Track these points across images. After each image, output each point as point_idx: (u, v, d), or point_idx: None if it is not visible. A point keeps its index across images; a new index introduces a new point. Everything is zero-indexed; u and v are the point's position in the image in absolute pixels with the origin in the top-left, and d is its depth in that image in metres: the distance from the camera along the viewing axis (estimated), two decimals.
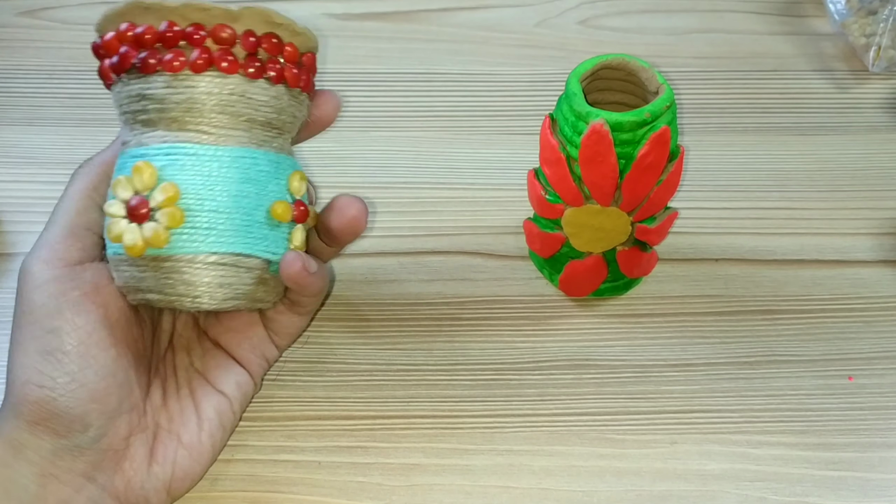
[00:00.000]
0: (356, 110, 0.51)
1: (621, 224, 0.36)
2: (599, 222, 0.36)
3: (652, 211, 0.36)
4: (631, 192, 0.35)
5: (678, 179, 0.36)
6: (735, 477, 0.35)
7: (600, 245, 0.38)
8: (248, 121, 0.31)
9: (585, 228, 0.37)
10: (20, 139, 0.50)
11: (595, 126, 0.33)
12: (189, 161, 0.30)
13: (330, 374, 0.39)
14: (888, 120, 0.50)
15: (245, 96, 0.30)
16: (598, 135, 0.33)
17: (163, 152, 0.30)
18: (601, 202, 0.35)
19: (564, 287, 0.40)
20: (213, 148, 0.30)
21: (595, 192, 0.35)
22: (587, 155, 0.34)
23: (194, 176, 0.30)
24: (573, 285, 0.40)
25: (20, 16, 0.58)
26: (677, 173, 0.36)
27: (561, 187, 0.36)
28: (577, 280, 0.40)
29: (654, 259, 0.40)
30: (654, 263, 0.40)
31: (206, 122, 0.30)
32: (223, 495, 0.35)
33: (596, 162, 0.34)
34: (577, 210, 0.36)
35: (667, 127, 0.33)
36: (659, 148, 0.34)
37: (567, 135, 0.34)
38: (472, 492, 0.35)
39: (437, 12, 0.58)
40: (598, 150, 0.33)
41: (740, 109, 0.51)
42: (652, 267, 0.40)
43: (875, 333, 0.40)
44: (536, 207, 0.38)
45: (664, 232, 0.38)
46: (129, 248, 0.30)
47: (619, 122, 0.33)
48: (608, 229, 0.37)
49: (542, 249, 0.40)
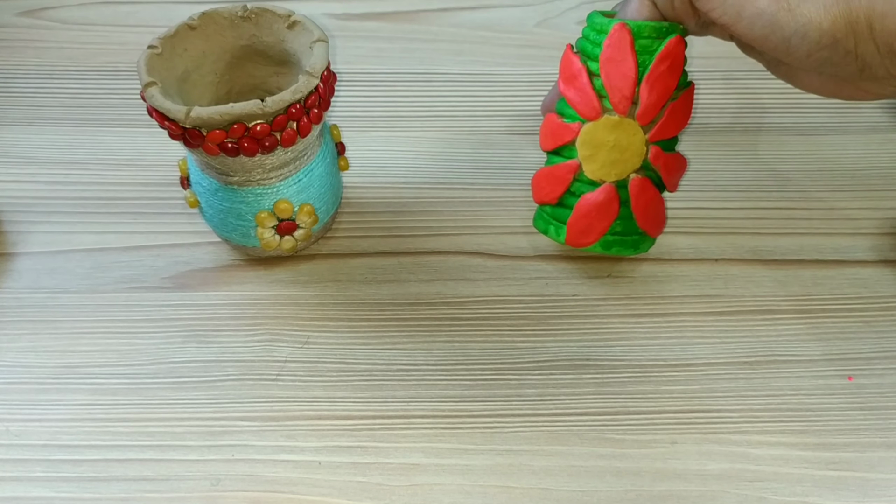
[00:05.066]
0: (356, 110, 0.51)
1: (637, 142, 0.37)
2: (615, 138, 0.37)
3: (666, 132, 0.37)
4: (648, 98, 0.36)
5: (690, 109, 0.38)
6: (735, 477, 0.35)
7: (615, 170, 0.37)
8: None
9: (601, 148, 0.37)
10: (20, 139, 0.50)
11: (617, 26, 0.36)
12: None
13: (330, 373, 0.39)
14: (888, 120, 0.50)
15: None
16: (620, 33, 0.36)
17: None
18: (619, 108, 0.36)
19: (572, 233, 0.39)
20: None
21: (613, 95, 0.36)
22: (608, 55, 0.36)
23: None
24: (583, 226, 0.38)
25: (20, 16, 0.58)
26: (689, 101, 0.38)
27: (579, 100, 0.37)
28: (587, 219, 0.38)
29: (663, 217, 0.40)
30: (662, 225, 0.40)
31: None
32: (223, 495, 0.35)
33: (616, 61, 0.36)
34: (594, 125, 0.37)
35: (681, 37, 0.36)
36: (675, 55, 0.36)
37: (588, 50, 0.37)
38: (472, 491, 0.35)
39: (438, 12, 0.58)
40: (619, 48, 0.36)
41: (740, 109, 0.51)
42: (659, 227, 0.40)
43: (875, 333, 0.40)
44: (549, 140, 0.39)
45: (677, 171, 0.39)
46: None
47: (640, 26, 0.36)
48: (623, 147, 0.37)
49: (552, 190, 0.39)
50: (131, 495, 0.35)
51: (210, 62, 0.40)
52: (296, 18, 0.38)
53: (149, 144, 0.49)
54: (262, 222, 0.40)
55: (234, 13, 0.39)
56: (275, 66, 0.41)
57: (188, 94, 0.39)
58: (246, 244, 0.42)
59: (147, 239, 0.44)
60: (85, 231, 0.45)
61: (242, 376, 0.38)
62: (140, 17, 0.58)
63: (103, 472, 0.35)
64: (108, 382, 0.38)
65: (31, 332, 0.40)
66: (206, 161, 0.38)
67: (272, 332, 0.40)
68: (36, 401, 0.38)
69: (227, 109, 0.35)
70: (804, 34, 0.32)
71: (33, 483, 0.35)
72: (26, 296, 0.42)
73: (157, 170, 0.47)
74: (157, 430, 0.37)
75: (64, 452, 0.36)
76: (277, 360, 0.39)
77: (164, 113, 0.35)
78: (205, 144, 0.36)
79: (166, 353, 0.39)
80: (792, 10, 0.32)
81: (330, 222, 0.44)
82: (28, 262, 0.43)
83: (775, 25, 0.32)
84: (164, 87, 0.36)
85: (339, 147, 0.44)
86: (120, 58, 0.55)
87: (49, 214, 0.45)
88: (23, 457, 0.36)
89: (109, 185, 0.47)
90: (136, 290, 0.42)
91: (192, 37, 0.39)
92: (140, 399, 0.38)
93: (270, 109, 0.35)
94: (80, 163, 0.48)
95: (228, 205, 0.40)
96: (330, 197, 0.42)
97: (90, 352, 0.39)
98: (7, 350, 0.39)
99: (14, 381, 0.38)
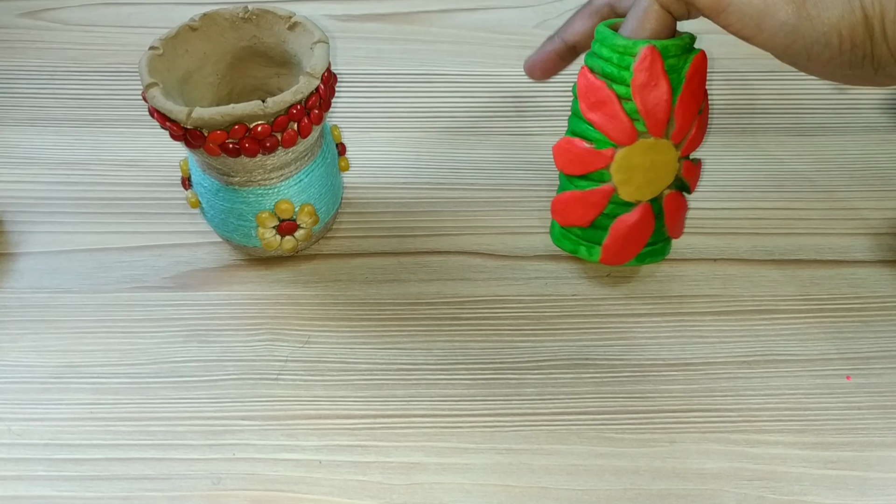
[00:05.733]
0: (357, 111, 0.51)
1: (670, 160, 0.37)
2: (651, 160, 0.36)
3: (695, 145, 0.38)
4: (682, 117, 0.36)
5: (707, 118, 0.38)
6: (733, 476, 0.35)
7: (650, 190, 0.37)
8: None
9: (636, 171, 0.37)
10: (21, 139, 0.50)
11: (646, 50, 0.34)
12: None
13: (330, 373, 0.39)
14: (886, 120, 0.50)
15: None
16: (652, 57, 0.34)
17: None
18: (654, 132, 0.36)
19: (609, 253, 0.39)
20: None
21: (650, 120, 0.36)
22: (642, 80, 0.35)
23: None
24: (619, 248, 0.39)
25: (22, 17, 0.58)
26: (707, 110, 0.38)
27: (612, 126, 0.36)
28: (624, 239, 0.38)
29: (685, 215, 0.41)
30: (684, 221, 0.41)
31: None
32: (224, 494, 0.35)
33: (650, 86, 0.35)
34: (629, 150, 0.36)
35: (703, 51, 0.36)
36: (702, 70, 0.36)
37: (612, 73, 0.35)
38: (472, 490, 0.35)
39: (437, 13, 0.58)
40: (653, 73, 0.35)
41: (740, 109, 0.51)
42: (682, 229, 0.41)
43: (873, 333, 0.40)
44: (577, 167, 0.37)
45: (699, 175, 0.40)
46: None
47: (666, 46, 0.35)
48: (658, 167, 0.37)
49: (584, 215, 0.38)
50: (133, 494, 0.35)
51: (211, 63, 0.40)
52: (296, 20, 0.39)
53: (150, 145, 0.49)
54: (263, 222, 0.40)
55: (235, 14, 0.39)
56: (275, 66, 0.41)
57: (189, 94, 0.39)
58: (247, 244, 0.42)
59: (148, 239, 0.44)
60: (87, 231, 0.45)
61: (243, 376, 0.39)
62: (141, 19, 0.58)
63: (105, 471, 0.35)
64: (110, 382, 0.38)
65: (33, 331, 0.40)
66: (207, 161, 0.38)
67: (273, 332, 0.40)
68: (38, 400, 0.38)
69: (228, 110, 0.35)
70: (826, 42, 0.32)
71: (35, 482, 0.35)
72: (28, 295, 0.42)
73: (158, 170, 0.48)
74: (158, 430, 0.37)
75: (66, 451, 0.36)
76: (278, 360, 0.39)
77: (166, 114, 0.35)
78: (206, 145, 0.36)
79: (168, 353, 0.39)
80: (812, 20, 0.31)
81: (330, 222, 0.44)
82: (30, 262, 0.43)
83: (797, 35, 0.32)
84: (165, 87, 0.36)
85: (340, 147, 0.44)
86: (121, 59, 0.55)
87: (51, 214, 0.46)
88: (25, 456, 0.36)
89: (111, 186, 0.47)
90: (137, 289, 0.42)
91: (194, 38, 0.39)
92: (141, 398, 0.38)
93: (271, 110, 0.35)
94: (81, 163, 0.48)
95: (230, 205, 0.40)
96: (330, 197, 0.42)
97: (92, 351, 0.39)
98: (9, 349, 0.40)
99: (16, 381, 0.38)
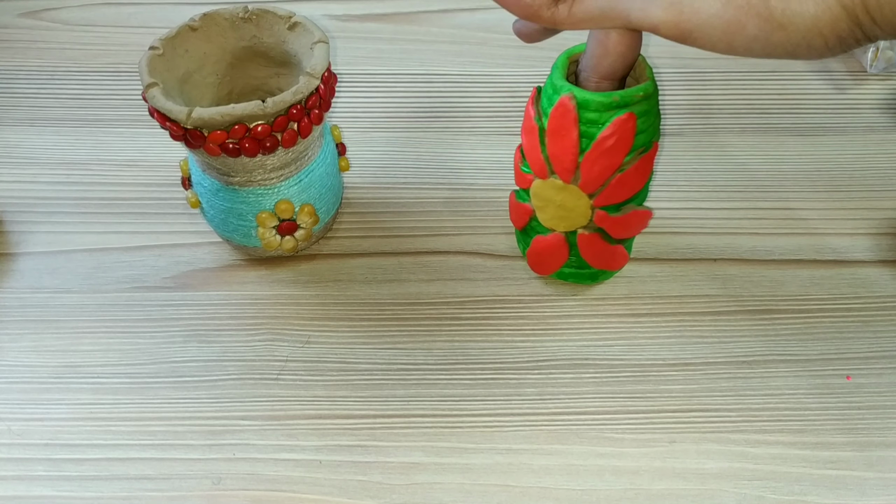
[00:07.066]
0: (357, 111, 0.51)
1: (581, 205, 0.37)
2: (562, 199, 0.37)
3: (613, 199, 0.36)
4: (589, 172, 0.35)
5: (646, 173, 0.36)
6: (733, 476, 0.35)
7: (563, 224, 0.38)
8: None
9: (550, 203, 0.37)
10: (21, 139, 0.50)
11: (563, 99, 0.34)
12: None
13: (330, 373, 0.39)
14: (886, 120, 0.50)
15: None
16: (564, 108, 0.34)
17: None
18: (562, 177, 0.36)
19: (530, 260, 0.41)
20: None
21: (556, 165, 0.36)
22: (552, 126, 0.35)
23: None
24: (537, 260, 0.41)
25: (22, 17, 0.59)
26: (646, 167, 0.36)
27: (531, 157, 0.37)
28: (540, 256, 0.40)
29: (622, 256, 0.40)
30: (623, 261, 0.40)
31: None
32: (224, 494, 0.35)
33: (559, 135, 0.34)
34: (543, 182, 0.37)
35: (632, 113, 0.33)
36: (621, 133, 0.34)
37: (544, 107, 0.35)
38: (472, 490, 0.35)
39: (438, 13, 0.58)
40: (563, 123, 0.34)
41: (739, 109, 0.51)
42: (619, 264, 0.40)
43: (872, 333, 0.40)
44: (517, 178, 0.39)
45: (630, 228, 0.38)
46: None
47: (587, 99, 0.33)
48: (569, 208, 0.37)
49: (516, 220, 0.40)
50: (133, 494, 0.35)
51: (211, 63, 0.40)
52: (296, 20, 0.39)
53: (150, 145, 0.49)
54: (263, 222, 0.40)
55: (235, 14, 0.39)
56: (275, 66, 0.41)
57: (189, 94, 0.39)
58: (247, 244, 0.42)
59: (148, 239, 0.44)
60: (86, 231, 0.45)
61: (243, 376, 0.39)
62: (141, 19, 0.58)
63: (105, 471, 0.35)
64: (110, 382, 0.38)
65: (33, 331, 0.40)
66: (207, 161, 0.38)
67: (273, 332, 0.40)
68: (38, 400, 0.38)
69: (228, 110, 0.35)
70: (808, 44, 0.30)
71: (35, 482, 0.35)
72: (28, 295, 0.42)
73: (158, 170, 0.48)
74: (158, 430, 0.37)
75: (65, 451, 0.36)
76: (278, 360, 0.39)
77: (166, 114, 0.35)
78: (206, 145, 0.36)
79: (168, 353, 0.39)
80: (786, 28, 0.29)
81: (330, 222, 0.44)
82: (30, 262, 0.43)
83: (774, 45, 0.30)
84: (165, 87, 0.36)
85: (340, 147, 0.44)
86: (121, 59, 0.55)
87: (51, 215, 0.46)
88: (24, 456, 0.36)
89: (111, 186, 0.47)
90: (137, 289, 0.42)
91: (194, 38, 0.39)
92: (141, 398, 0.38)
93: (271, 110, 0.35)
94: (81, 163, 0.48)
95: (230, 205, 0.40)
96: (331, 197, 0.42)
97: (92, 351, 0.39)
98: (9, 349, 0.40)
99: (16, 381, 0.38)
